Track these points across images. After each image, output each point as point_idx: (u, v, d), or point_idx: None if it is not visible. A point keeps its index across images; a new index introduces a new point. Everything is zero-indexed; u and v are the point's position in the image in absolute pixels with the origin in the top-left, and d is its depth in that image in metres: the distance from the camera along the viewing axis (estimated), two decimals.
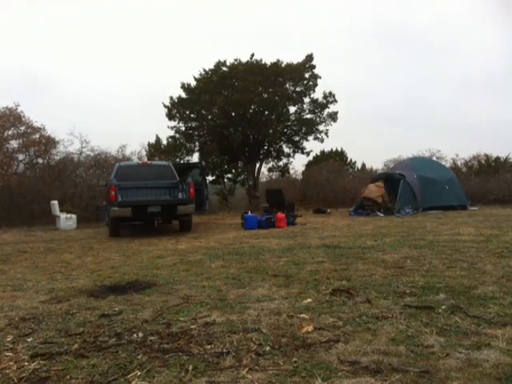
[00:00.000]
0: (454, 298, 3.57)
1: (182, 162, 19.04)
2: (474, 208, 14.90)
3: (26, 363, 2.55)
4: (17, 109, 15.94)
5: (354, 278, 4.48)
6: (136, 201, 9.88)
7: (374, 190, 14.03)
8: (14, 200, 14.77)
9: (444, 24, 70.75)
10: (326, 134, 20.48)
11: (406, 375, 2.19)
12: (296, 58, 20.37)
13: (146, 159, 18.81)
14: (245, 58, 19.37)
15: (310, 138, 20.60)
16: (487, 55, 65.02)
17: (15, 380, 2.33)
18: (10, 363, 2.56)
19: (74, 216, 13.18)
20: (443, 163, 19.33)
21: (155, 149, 21.52)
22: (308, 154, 21.36)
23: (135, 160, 17.62)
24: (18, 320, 3.45)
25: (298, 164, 55.62)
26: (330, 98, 20.02)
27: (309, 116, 20.57)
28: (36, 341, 2.94)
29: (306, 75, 19.68)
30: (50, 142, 16.26)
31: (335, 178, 20.26)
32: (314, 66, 19.60)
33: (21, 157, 16.15)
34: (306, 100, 20.24)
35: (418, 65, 70.60)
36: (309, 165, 23.68)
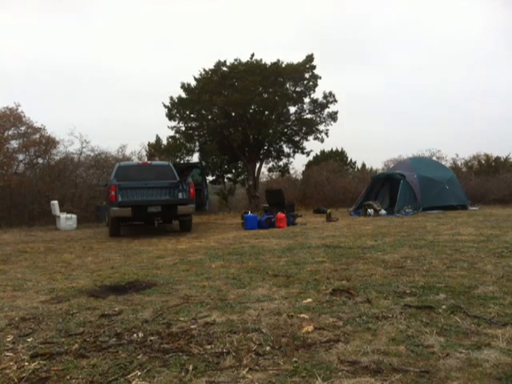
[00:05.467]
0: (454, 297, 3.57)
1: (181, 162, 19.05)
2: (474, 208, 14.89)
3: (26, 363, 2.55)
4: (17, 109, 15.99)
5: (354, 277, 4.48)
6: (136, 201, 9.89)
7: None
8: (14, 200, 14.79)
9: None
10: (326, 133, 20.50)
11: (406, 375, 2.19)
12: (296, 58, 20.39)
13: (146, 159, 18.84)
14: (245, 58, 19.38)
15: (310, 137, 20.62)
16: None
17: (15, 380, 2.33)
18: (10, 363, 2.56)
19: (74, 216, 13.19)
20: (443, 163, 19.36)
21: (155, 149, 21.54)
22: (308, 153, 21.38)
23: (135, 160, 17.65)
24: (18, 320, 3.45)
25: (298, 164, 55.70)
26: (329, 97, 20.02)
27: (309, 116, 20.56)
28: (36, 341, 2.93)
29: (306, 75, 19.66)
30: (50, 142, 16.29)
31: (335, 178, 20.28)
32: (314, 67, 19.58)
33: (21, 157, 16.19)
34: (306, 100, 20.25)
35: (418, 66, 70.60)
36: (309, 165, 23.70)
